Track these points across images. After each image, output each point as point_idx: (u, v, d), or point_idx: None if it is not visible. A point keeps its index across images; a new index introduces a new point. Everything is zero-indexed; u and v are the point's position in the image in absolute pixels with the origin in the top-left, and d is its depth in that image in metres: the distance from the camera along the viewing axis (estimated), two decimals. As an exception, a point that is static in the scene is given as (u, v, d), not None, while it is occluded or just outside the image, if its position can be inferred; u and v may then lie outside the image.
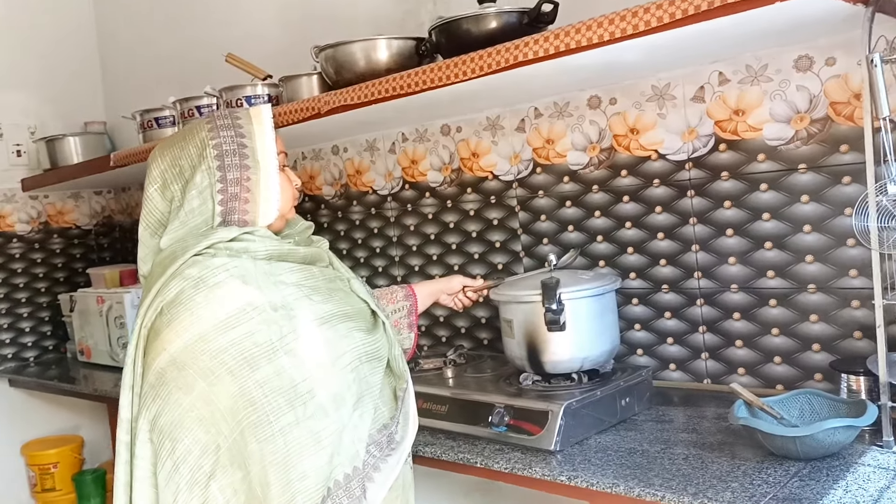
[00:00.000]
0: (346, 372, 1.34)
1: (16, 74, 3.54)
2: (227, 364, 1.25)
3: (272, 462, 1.25)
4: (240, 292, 1.29)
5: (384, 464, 1.36)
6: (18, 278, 3.58)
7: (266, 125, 1.44)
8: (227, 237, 1.34)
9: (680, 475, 1.42)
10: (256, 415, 1.25)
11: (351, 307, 1.45)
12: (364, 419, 1.35)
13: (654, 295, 2.03)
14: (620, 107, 2.02)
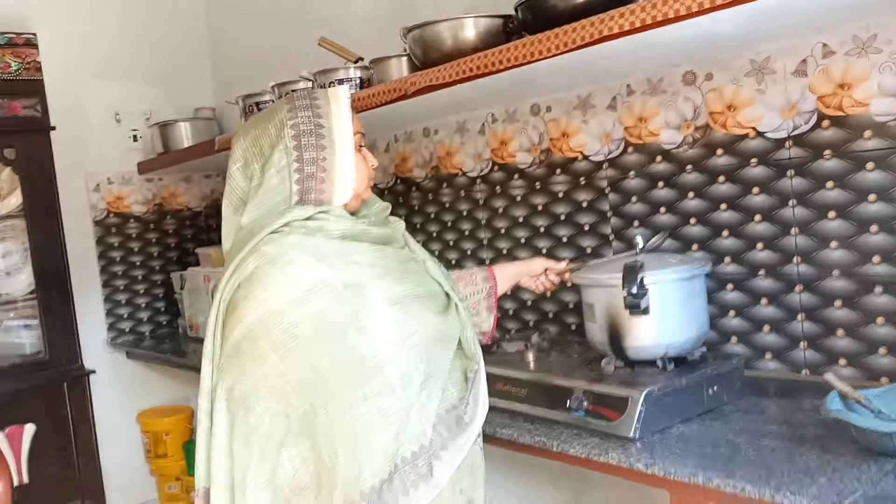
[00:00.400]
0: (415, 352, 1.35)
1: (133, 64, 3.75)
2: (299, 339, 1.28)
3: (340, 435, 1.27)
4: (313, 269, 1.31)
5: (452, 444, 1.36)
6: (135, 257, 3.80)
7: (343, 106, 1.45)
8: (302, 216, 1.37)
9: (764, 467, 1.35)
10: (326, 389, 1.28)
11: (423, 288, 1.46)
12: (432, 399, 1.36)
13: (749, 280, 1.93)
14: (717, 82, 1.92)
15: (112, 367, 3.69)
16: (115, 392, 3.69)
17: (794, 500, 1.23)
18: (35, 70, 3.22)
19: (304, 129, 1.41)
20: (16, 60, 3.17)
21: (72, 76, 3.52)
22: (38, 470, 3.22)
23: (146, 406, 3.82)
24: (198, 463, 1.37)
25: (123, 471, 3.71)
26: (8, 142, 3.19)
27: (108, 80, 3.67)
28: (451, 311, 1.48)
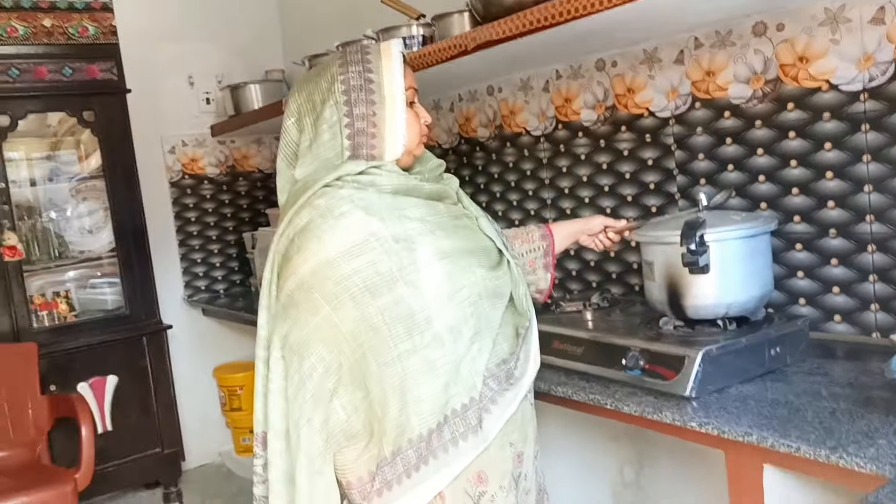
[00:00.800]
0: (465, 306, 1.35)
1: (206, 29, 3.83)
2: (350, 290, 1.30)
3: (390, 385, 1.30)
4: (363, 223, 1.32)
5: (501, 397, 1.37)
6: (209, 217, 3.93)
7: (394, 60, 1.43)
8: (354, 170, 1.37)
9: (822, 428, 1.31)
10: (377, 339, 1.30)
11: (475, 244, 1.45)
12: (482, 353, 1.37)
13: (819, 240, 1.86)
14: (788, 33, 1.84)
15: (189, 323, 3.84)
16: (191, 347, 3.84)
17: (849, 461, 1.19)
18: (111, 34, 3.33)
19: (354, 85, 1.40)
20: (93, 25, 3.28)
21: (146, 40, 3.63)
22: (120, 418, 3.41)
23: (221, 361, 3.98)
24: (256, 408, 1.41)
25: (200, 422, 3.89)
26: (87, 104, 3.32)
27: (181, 43, 3.77)
28: (503, 267, 1.48)
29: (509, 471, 1.40)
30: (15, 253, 3.14)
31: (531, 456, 1.47)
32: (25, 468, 2.94)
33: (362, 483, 1.34)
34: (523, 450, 1.44)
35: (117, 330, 3.42)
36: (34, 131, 3.45)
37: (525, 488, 1.44)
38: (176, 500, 3.57)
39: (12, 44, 3.14)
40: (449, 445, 1.32)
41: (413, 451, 1.31)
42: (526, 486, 1.45)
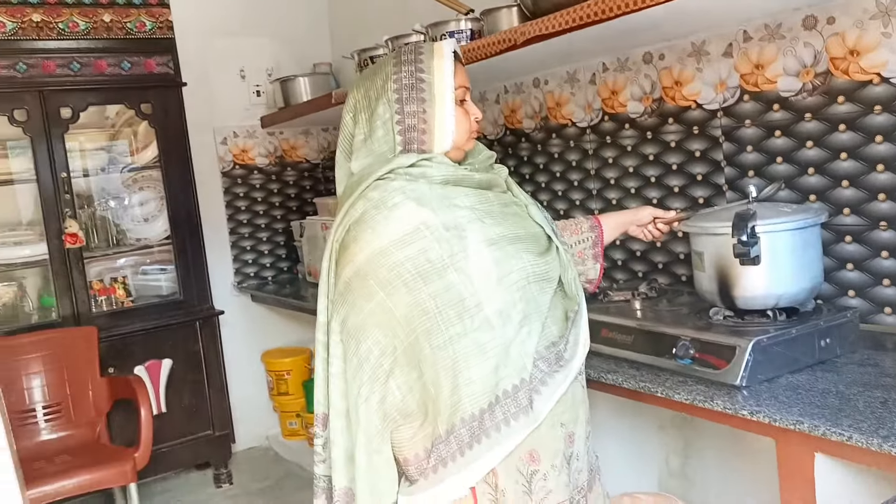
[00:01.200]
0: (513, 290, 1.40)
1: (257, 23, 3.92)
2: (403, 277, 1.35)
3: (443, 367, 1.35)
4: (415, 213, 1.38)
5: (551, 379, 1.41)
6: (259, 206, 4.03)
7: (446, 60, 1.47)
8: (406, 163, 1.43)
9: (873, 417, 1.34)
10: (429, 323, 1.35)
11: (524, 230, 1.50)
12: (532, 336, 1.41)
13: (869, 232, 1.87)
14: (839, 26, 1.85)
15: (238, 309, 3.95)
16: (241, 332, 3.95)
17: (902, 449, 1.22)
18: (167, 29, 3.42)
19: (406, 84, 1.46)
20: (150, 20, 3.38)
21: (200, 34, 3.73)
22: (174, 401, 3.53)
23: (269, 346, 4.08)
24: (316, 391, 1.48)
25: (249, 406, 4.00)
26: (144, 97, 3.42)
27: (233, 37, 3.86)
28: (552, 253, 1.52)
29: (561, 450, 1.45)
30: (76, 240, 3.27)
31: (583, 436, 1.51)
32: (86, 447, 3.08)
33: (418, 460, 1.40)
34: (574, 430, 1.49)
35: (172, 315, 3.53)
36: (93, 123, 3.57)
37: (577, 468, 1.49)
38: (226, 481, 3.69)
39: (74, 38, 3.25)
40: (501, 425, 1.37)
41: (466, 429, 1.36)
42: (578, 465, 1.49)
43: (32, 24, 3.17)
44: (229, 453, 3.71)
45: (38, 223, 3.32)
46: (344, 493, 1.42)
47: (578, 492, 1.49)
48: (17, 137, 3.29)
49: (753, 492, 2.17)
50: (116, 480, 2.88)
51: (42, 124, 3.23)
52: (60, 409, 3.15)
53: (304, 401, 3.93)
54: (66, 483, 2.75)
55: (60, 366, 3.17)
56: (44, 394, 3.14)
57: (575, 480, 1.48)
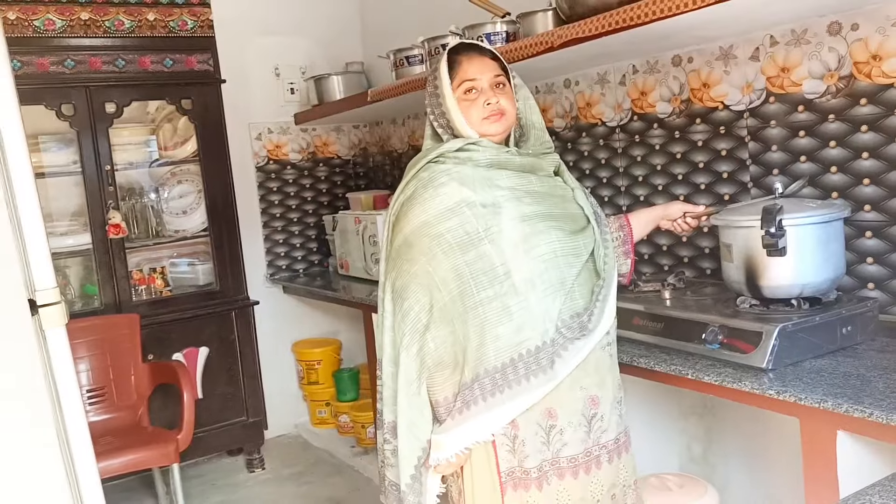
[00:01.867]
0: (539, 262, 1.60)
1: (291, 22, 4.05)
2: (442, 245, 1.59)
3: (473, 324, 1.58)
4: (457, 191, 1.62)
5: (572, 345, 1.60)
6: (291, 200, 4.16)
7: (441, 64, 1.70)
8: (454, 147, 1.67)
9: (893, 397, 1.45)
10: (464, 287, 1.58)
11: (561, 210, 1.70)
12: (556, 303, 1.61)
13: (889, 228, 1.97)
14: (862, 32, 1.95)
15: (270, 300, 4.08)
16: (273, 323, 4.08)
17: (920, 424, 1.33)
18: (208, 27, 3.56)
19: (430, 91, 1.76)
20: (192, 19, 3.51)
21: (238, 33, 3.86)
22: (209, 388, 3.66)
23: (300, 337, 4.21)
24: (377, 339, 1.72)
25: (280, 394, 4.13)
26: (185, 93, 3.56)
27: (269, 36, 4.00)
28: (587, 233, 1.71)
29: (579, 410, 1.63)
30: (119, 230, 3.40)
31: (609, 400, 1.67)
32: (129, 429, 3.21)
33: (447, 402, 1.62)
34: (598, 393, 1.65)
35: (208, 305, 3.66)
36: (136, 118, 3.70)
37: (601, 428, 1.65)
38: (259, 466, 3.81)
39: (119, 36, 3.38)
40: (522, 379, 1.57)
41: (489, 379, 1.57)
42: (601, 426, 1.65)
43: (80, 23, 3.31)
44: (262, 439, 3.84)
45: (83, 214, 3.45)
46: (391, 426, 1.67)
47: (601, 447, 1.65)
48: (63, 132, 3.43)
49: (774, 476, 2.28)
50: (160, 461, 3.01)
51: (88, 119, 3.37)
52: (104, 393, 3.29)
53: (333, 390, 4.06)
54: (112, 462, 2.87)
55: (104, 351, 3.31)
56: (88, 378, 3.27)
57: (596, 439, 1.65)
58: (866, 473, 1.55)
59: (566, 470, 1.62)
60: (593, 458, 1.64)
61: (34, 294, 1.53)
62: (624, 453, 1.71)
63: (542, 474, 1.61)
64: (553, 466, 1.62)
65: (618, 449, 1.68)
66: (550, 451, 1.61)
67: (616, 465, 1.68)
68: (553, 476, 1.62)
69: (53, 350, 1.55)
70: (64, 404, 1.57)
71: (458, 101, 1.69)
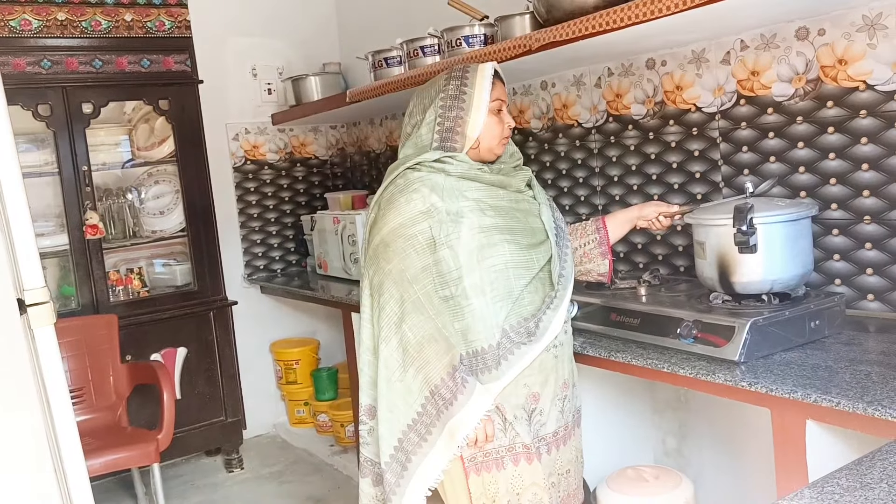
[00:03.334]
0: (490, 272, 1.75)
1: (268, 23, 4.07)
2: (416, 246, 1.75)
3: (434, 321, 1.73)
4: (427, 198, 1.76)
5: (518, 350, 1.74)
6: (269, 201, 4.17)
7: (486, 79, 1.84)
8: (431, 158, 1.81)
9: (859, 387, 1.51)
10: (431, 285, 1.74)
11: (522, 225, 1.83)
12: (502, 310, 1.75)
13: (855, 226, 2.05)
14: (829, 38, 2.03)
15: (248, 300, 4.09)
16: (251, 323, 4.09)
17: (883, 412, 1.39)
18: (185, 28, 3.56)
19: (452, 94, 1.85)
20: (169, 19, 3.52)
21: (216, 33, 3.87)
22: (188, 388, 3.66)
23: (278, 337, 4.23)
24: (355, 331, 1.83)
25: (258, 394, 4.14)
26: (162, 94, 3.56)
27: (246, 36, 4.01)
28: (544, 247, 1.84)
29: (521, 405, 1.78)
30: (97, 231, 3.40)
31: (550, 396, 1.81)
32: (108, 430, 3.21)
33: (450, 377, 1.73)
34: (540, 391, 1.80)
35: (186, 305, 3.66)
36: (112, 118, 3.69)
37: (540, 421, 1.81)
38: (237, 466, 3.82)
39: (96, 37, 3.38)
40: (476, 374, 1.72)
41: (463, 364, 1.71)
42: (541, 419, 1.81)
43: (57, 23, 3.30)
44: (241, 439, 3.85)
45: (59, 215, 3.44)
46: (367, 409, 1.86)
47: (540, 440, 1.81)
48: (37, 132, 3.41)
49: (746, 465, 2.35)
50: (140, 461, 3.02)
51: (64, 119, 3.36)
52: (83, 394, 3.28)
53: (311, 390, 4.07)
54: (92, 463, 2.86)
55: (82, 352, 3.30)
56: (67, 379, 3.25)
57: (536, 431, 1.81)
58: (834, 460, 1.61)
59: (520, 455, 1.79)
60: (534, 448, 1.80)
61: (23, 294, 1.55)
62: (562, 445, 1.85)
63: (500, 459, 1.79)
64: (509, 452, 1.79)
65: (556, 441, 1.84)
66: (507, 438, 1.79)
67: (554, 456, 1.83)
68: (509, 461, 1.79)
69: (42, 349, 1.57)
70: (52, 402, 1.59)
71: (488, 115, 1.83)
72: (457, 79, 1.85)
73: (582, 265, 2.07)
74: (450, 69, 1.90)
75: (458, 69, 1.87)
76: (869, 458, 1.17)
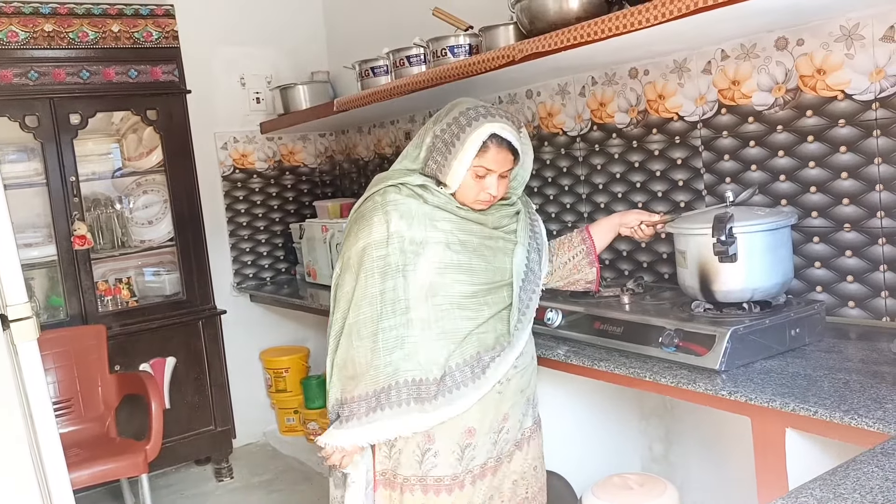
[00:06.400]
0: (437, 310, 1.76)
1: (256, 32, 4.08)
2: (373, 270, 1.77)
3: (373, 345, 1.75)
4: (395, 223, 1.77)
5: (458, 389, 1.76)
6: (258, 209, 4.17)
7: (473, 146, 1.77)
8: (415, 182, 1.81)
9: (836, 396, 1.53)
10: (370, 313, 1.76)
11: (486, 265, 1.83)
12: (444, 349, 1.76)
13: (835, 234, 2.07)
14: (808, 48, 2.05)
15: (237, 308, 4.09)
16: (240, 331, 4.09)
17: (860, 421, 1.41)
18: (173, 38, 3.57)
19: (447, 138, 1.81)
20: (156, 30, 3.52)
21: (204, 43, 3.88)
22: (177, 397, 3.66)
23: (268, 345, 4.23)
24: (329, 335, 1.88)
25: (248, 403, 4.14)
26: (150, 104, 3.56)
27: (234, 46, 4.02)
28: (503, 292, 1.85)
29: (455, 440, 1.80)
30: (85, 242, 3.40)
31: (485, 431, 1.82)
32: (97, 441, 3.20)
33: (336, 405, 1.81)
34: (476, 426, 1.81)
35: (175, 314, 3.66)
36: (101, 129, 3.70)
37: (471, 455, 1.82)
38: (227, 475, 3.82)
39: (83, 48, 3.38)
40: (403, 404, 1.74)
41: (375, 399, 1.75)
42: (473, 454, 1.82)
43: (44, 34, 3.30)
44: (230, 448, 3.85)
45: (47, 225, 3.44)
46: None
47: (467, 472, 1.82)
48: (24, 141, 3.41)
49: (729, 473, 2.36)
50: (129, 472, 3.02)
51: (52, 130, 3.36)
52: (71, 405, 3.28)
53: (301, 398, 4.07)
54: (80, 474, 2.87)
55: (70, 363, 3.30)
56: (55, 390, 3.26)
57: (466, 465, 1.82)
58: (813, 468, 1.62)
59: (430, 487, 1.81)
60: (458, 482, 1.81)
61: (5, 309, 1.55)
62: (489, 475, 1.86)
63: (410, 485, 1.82)
64: (420, 482, 1.81)
65: (483, 473, 1.84)
66: (422, 469, 1.80)
67: (479, 485, 1.84)
68: (418, 490, 1.81)
69: (25, 364, 1.57)
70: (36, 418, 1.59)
71: (468, 171, 1.79)
72: (458, 125, 1.79)
73: (571, 276, 2.09)
74: (467, 109, 1.82)
75: (465, 115, 1.80)
76: (843, 469, 1.18)
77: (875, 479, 1.12)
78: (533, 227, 1.98)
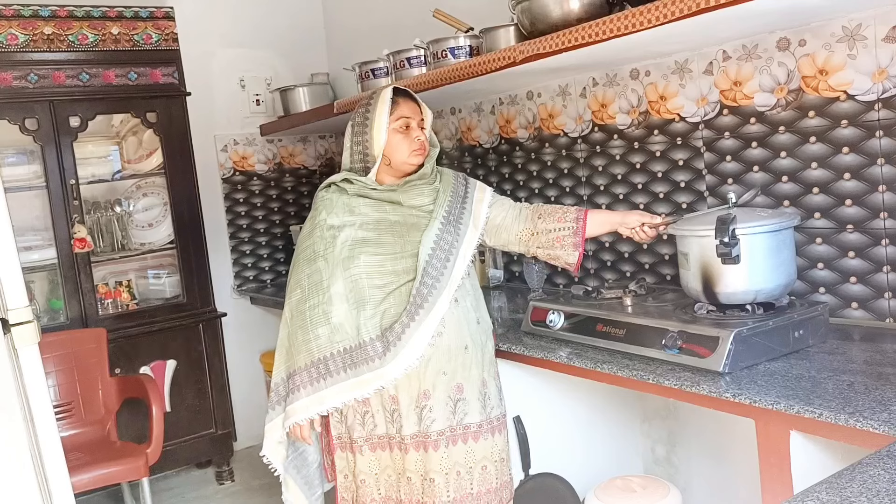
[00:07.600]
0: (350, 281, 1.96)
1: (255, 34, 4.08)
2: (301, 261, 2.03)
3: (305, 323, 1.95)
4: (322, 215, 2.04)
5: (380, 359, 1.93)
6: (258, 211, 4.17)
7: (385, 103, 2.01)
8: (338, 179, 2.08)
9: (841, 398, 1.52)
10: (308, 291, 1.97)
11: (395, 239, 2.01)
12: (360, 317, 1.94)
13: (837, 235, 2.07)
14: (810, 48, 2.04)
15: (238, 311, 4.08)
16: (241, 334, 4.08)
17: (865, 423, 1.40)
18: (172, 41, 3.56)
19: (359, 121, 2.06)
20: (156, 32, 3.52)
21: (203, 45, 3.87)
22: (177, 400, 3.65)
23: (268, 348, 4.21)
24: None
25: (249, 406, 4.12)
26: (150, 106, 3.55)
27: (234, 48, 4.01)
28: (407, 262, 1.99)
29: (380, 403, 2.00)
30: (85, 244, 3.39)
31: (407, 402, 1.98)
32: (98, 444, 3.19)
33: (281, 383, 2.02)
34: (397, 395, 1.98)
35: (175, 317, 3.65)
36: (100, 131, 3.68)
37: (398, 421, 1.99)
38: (228, 478, 3.81)
39: (83, 50, 3.37)
40: (341, 371, 1.93)
41: (315, 369, 1.93)
42: (400, 420, 1.98)
43: (44, 37, 3.29)
44: (231, 451, 3.84)
45: (47, 228, 3.43)
46: None
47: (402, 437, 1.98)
48: (24, 144, 3.40)
49: (733, 475, 2.36)
50: (130, 475, 3.01)
51: (52, 133, 3.35)
52: (72, 409, 3.27)
53: (302, 399, 4.06)
54: (81, 478, 2.86)
55: (71, 366, 3.29)
56: (56, 393, 3.25)
57: (397, 428, 1.99)
58: (818, 470, 1.62)
59: (376, 445, 2.03)
60: (395, 442, 2.01)
61: (6, 313, 1.54)
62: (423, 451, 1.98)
63: (359, 445, 2.03)
64: (367, 441, 2.03)
65: (416, 444, 1.98)
66: (365, 430, 2.02)
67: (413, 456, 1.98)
68: (366, 448, 2.03)
69: (26, 368, 1.56)
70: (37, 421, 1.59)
71: (392, 133, 2.01)
72: (363, 106, 2.06)
73: (552, 249, 2.04)
74: (364, 95, 2.11)
75: (367, 96, 2.09)
76: (849, 472, 1.17)
77: (882, 482, 1.12)
78: (464, 201, 2.09)
